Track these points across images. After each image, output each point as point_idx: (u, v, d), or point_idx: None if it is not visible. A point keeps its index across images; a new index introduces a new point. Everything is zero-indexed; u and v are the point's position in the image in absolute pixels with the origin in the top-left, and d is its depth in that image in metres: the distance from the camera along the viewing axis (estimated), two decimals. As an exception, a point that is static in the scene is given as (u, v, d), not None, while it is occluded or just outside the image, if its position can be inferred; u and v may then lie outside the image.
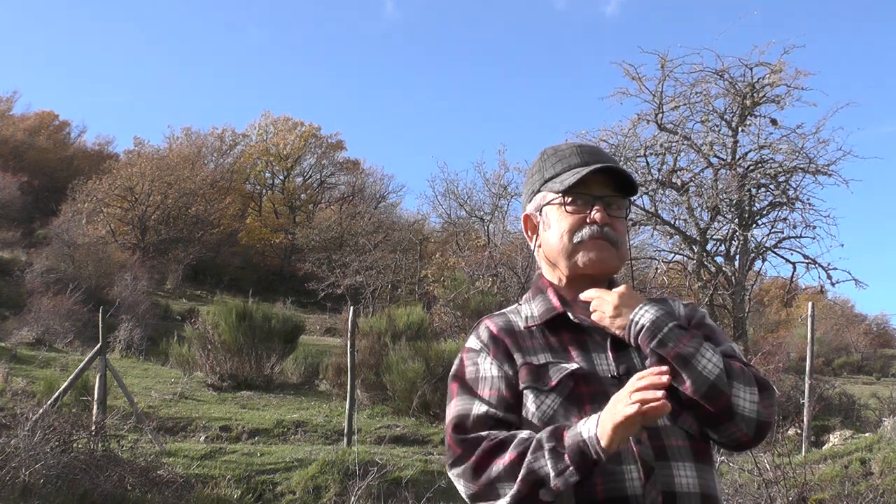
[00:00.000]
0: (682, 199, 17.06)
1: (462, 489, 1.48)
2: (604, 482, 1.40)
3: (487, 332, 1.60)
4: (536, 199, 1.68)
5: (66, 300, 17.72)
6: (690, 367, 1.46)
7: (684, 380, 1.46)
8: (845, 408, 12.79)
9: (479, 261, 17.53)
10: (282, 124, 41.97)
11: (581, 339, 1.57)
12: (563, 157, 1.66)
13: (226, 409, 10.37)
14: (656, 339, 1.48)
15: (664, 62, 16.54)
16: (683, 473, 1.45)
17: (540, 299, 1.65)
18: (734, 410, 1.47)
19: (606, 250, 1.60)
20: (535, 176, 1.70)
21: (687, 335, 1.50)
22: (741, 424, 1.48)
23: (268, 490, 7.35)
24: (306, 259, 29.75)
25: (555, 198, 1.63)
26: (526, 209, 1.72)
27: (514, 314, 1.65)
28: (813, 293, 19.91)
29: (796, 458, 7.39)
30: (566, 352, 1.55)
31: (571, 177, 1.59)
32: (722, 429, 1.50)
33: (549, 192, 1.64)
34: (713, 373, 1.46)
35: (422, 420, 10.25)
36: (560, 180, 1.62)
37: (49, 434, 6.40)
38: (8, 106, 41.95)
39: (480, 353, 1.59)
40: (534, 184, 1.69)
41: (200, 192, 34.92)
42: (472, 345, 1.62)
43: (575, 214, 1.61)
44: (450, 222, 29.98)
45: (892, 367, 25.26)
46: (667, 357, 1.47)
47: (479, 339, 1.61)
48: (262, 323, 12.59)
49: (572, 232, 1.60)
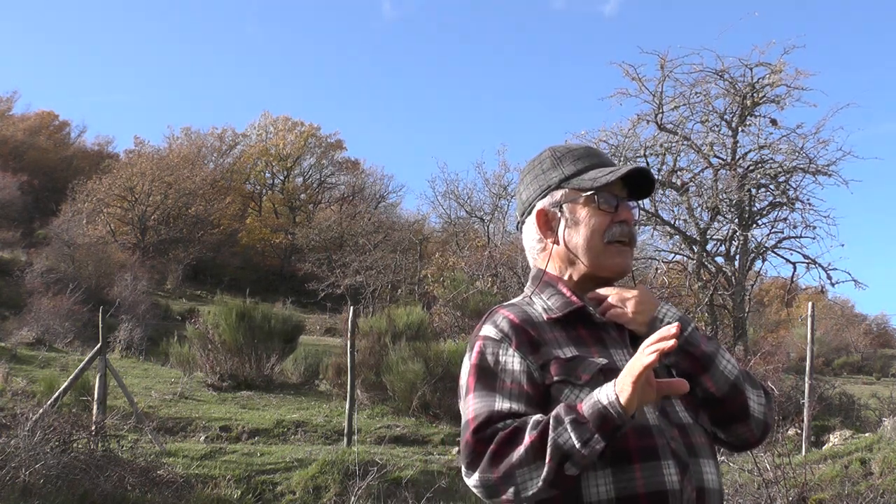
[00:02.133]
0: (682, 200, 17.05)
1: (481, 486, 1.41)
2: (644, 476, 1.40)
3: (507, 322, 1.53)
4: (555, 195, 1.63)
5: (66, 300, 17.72)
6: (714, 366, 1.52)
7: (708, 377, 1.51)
8: (845, 408, 12.78)
9: (479, 261, 17.53)
10: (281, 124, 41.99)
11: (598, 335, 1.55)
12: (581, 156, 1.65)
13: (226, 409, 10.37)
14: (683, 336, 1.48)
15: (664, 62, 16.53)
16: (709, 470, 1.48)
17: (551, 293, 1.59)
18: (748, 411, 1.53)
19: (630, 256, 1.62)
20: (549, 172, 1.65)
21: (704, 337, 1.55)
22: (752, 425, 1.55)
23: (268, 490, 7.34)
24: (306, 259, 29.77)
25: (581, 195, 1.60)
26: (537, 204, 1.65)
27: (528, 306, 1.60)
28: (813, 293, 19.92)
29: (796, 458, 7.39)
30: (588, 347, 1.52)
31: (606, 175, 1.58)
32: (733, 428, 1.55)
33: (573, 189, 1.61)
34: (733, 373, 1.53)
35: (422, 420, 10.25)
36: (590, 178, 1.60)
37: (49, 434, 6.40)
38: (8, 106, 41.97)
39: (501, 344, 1.51)
40: (549, 179, 1.64)
41: (200, 192, 34.93)
42: (490, 333, 1.53)
43: (607, 213, 1.59)
44: (450, 222, 29.99)
45: (892, 367, 25.27)
46: (694, 354, 1.50)
47: (497, 328, 1.53)
48: (262, 323, 12.59)
49: (603, 230, 1.58)
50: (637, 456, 1.40)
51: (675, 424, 1.46)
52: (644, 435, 1.42)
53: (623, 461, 1.39)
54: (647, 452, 1.40)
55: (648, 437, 1.42)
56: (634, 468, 1.39)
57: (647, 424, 1.43)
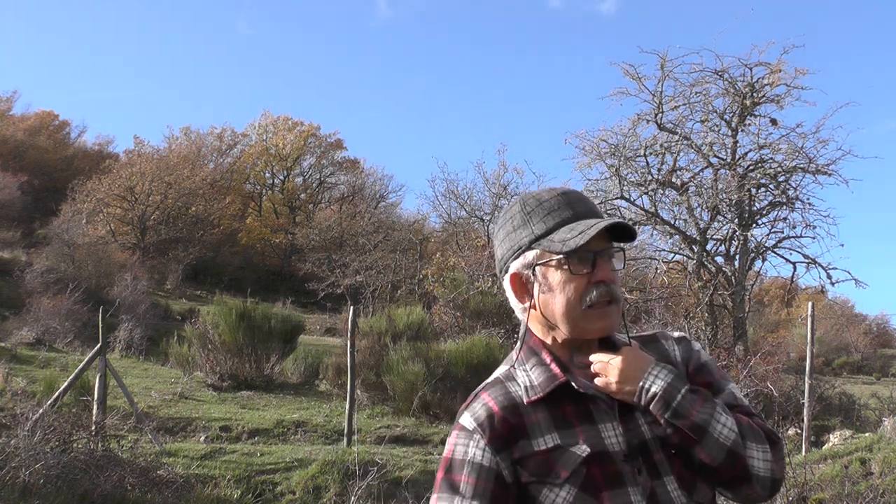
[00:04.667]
0: (681, 199, 17.06)
1: None
2: None
3: (486, 410, 1.45)
4: (527, 257, 1.51)
5: (66, 300, 17.72)
6: (707, 435, 1.42)
7: (701, 449, 1.42)
8: (845, 408, 12.79)
9: (479, 261, 17.53)
10: (281, 124, 42.01)
11: (585, 408, 1.46)
12: (551, 210, 1.50)
13: (226, 409, 10.37)
14: (671, 409, 1.42)
15: (664, 62, 16.55)
16: None
17: (535, 363, 1.50)
18: (750, 472, 1.44)
19: (615, 315, 1.49)
20: (519, 230, 1.52)
21: (699, 399, 1.44)
22: (756, 485, 1.45)
23: (268, 490, 7.34)
24: (306, 259, 29.79)
25: (553, 258, 1.48)
26: (510, 267, 1.54)
27: (510, 382, 1.50)
28: (813, 293, 19.93)
29: (796, 458, 7.39)
30: (572, 427, 1.44)
31: (575, 238, 1.44)
32: (736, 489, 1.48)
33: (544, 251, 1.49)
34: (729, 438, 1.43)
35: (422, 420, 10.25)
36: (560, 240, 1.46)
37: (49, 434, 6.40)
38: (8, 106, 42.01)
39: (473, 435, 1.44)
40: (520, 239, 1.52)
41: (200, 191, 34.94)
42: (465, 423, 1.46)
43: (580, 276, 1.46)
44: (450, 222, 29.97)
45: (892, 367, 25.28)
46: (684, 427, 1.42)
47: (474, 417, 1.46)
48: (261, 323, 12.59)
49: (580, 296, 1.46)
50: None
51: None
52: None
53: None
54: None
55: None
56: None
57: None
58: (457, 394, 10.10)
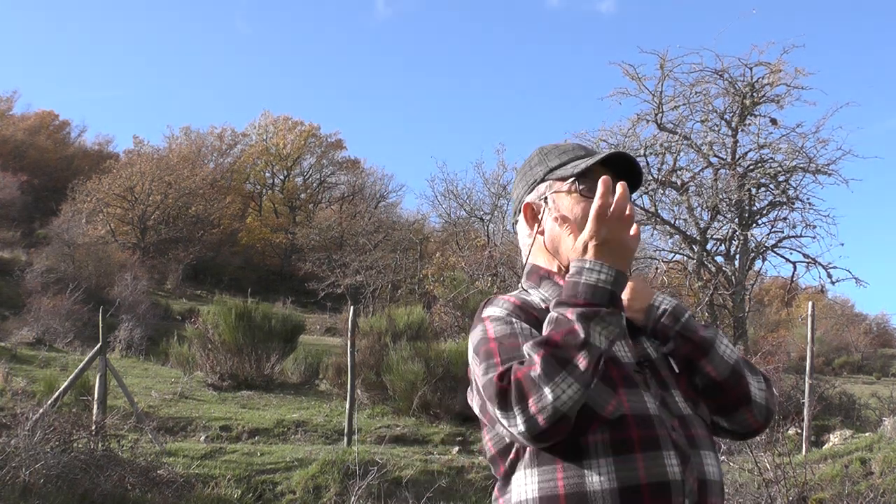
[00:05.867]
0: (682, 199, 17.06)
1: (518, 422, 1.33)
2: (646, 467, 1.38)
3: (510, 304, 1.51)
4: (540, 188, 1.63)
5: (66, 300, 17.72)
6: (713, 351, 1.51)
7: (708, 362, 1.50)
8: (845, 407, 12.78)
9: (479, 261, 17.54)
10: (281, 124, 42.00)
11: None
12: (566, 151, 1.64)
13: (226, 408, 10.37)
14: (680, 322, 1.52)
15: (663, 62, 16.56)
16: (709, 462, 1.47)
17: (548, 285, 1.57)
18: (750, 395, 1.52)
19: None
20: (535, 168, 1.65)
21: (701, 325, 1.55)
22: (755, 410, 1.53)
23: (268, 490, 7.34)
24: (306, 259, 29.80)
25: (563, 184, 1.58)
26: (525, 199, 1.65)
27: (525, 295, 1.57)
28: (813, 293, 19.93)
29: (796, 458, 7.39)
30: None
31: (583, 162, 1.57)
32: (736, 415, 1.54)
33: (556, 179, 1.60)
34: (732, 357, 1.53)
35: (422, 420, 10.25)
36: (571, 166, 1.59)
37: (49, 434, 6.40)
38: (8, 106, 41.99)
39: (510, 316, 1.48)
40: (535, 175, 1.65)
41: (200, 191, 34.94)
42: (495, 313, 1.50)
43: (590, 199, 1.50)
44: (450, 222, 29.99)
45: (892, 367, 25.26)
46: (693, 339, 1.50)
47: (501, 307, 1.51)
48: (261, 323, 12.59)
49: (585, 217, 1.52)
50: (639, 446, 1.38)
51: (675, 415, 1.45)
52: (645, 425, 1.40)
53: (625, 451, 1.38)
54: (649, 443, 1.38)
55: (650, 427, 1.40)
56: (636, 458, 1.37)
57: (648, 415, 1.41)
58: (457, 394, 10.09)
